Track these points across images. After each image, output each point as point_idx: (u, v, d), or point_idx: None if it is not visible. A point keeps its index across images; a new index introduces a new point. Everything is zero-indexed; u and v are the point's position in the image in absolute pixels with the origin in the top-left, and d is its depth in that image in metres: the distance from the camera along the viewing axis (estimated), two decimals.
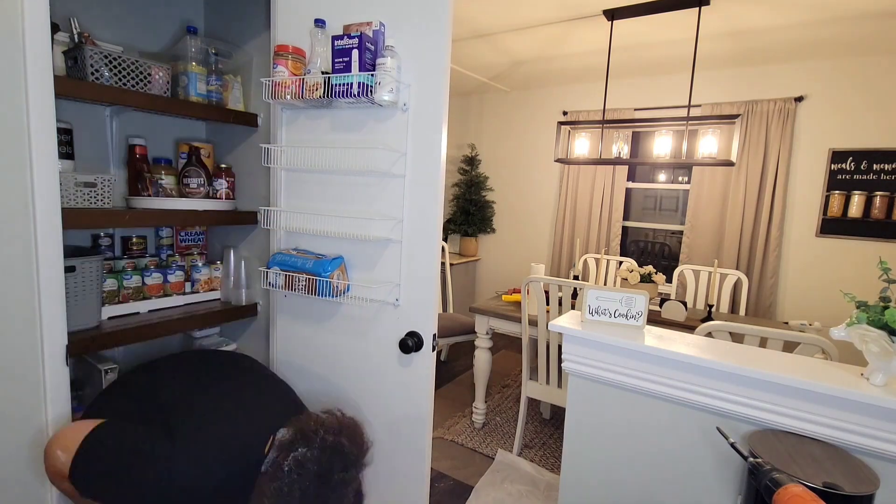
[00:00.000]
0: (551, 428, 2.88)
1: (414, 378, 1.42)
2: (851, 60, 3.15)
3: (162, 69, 1.54)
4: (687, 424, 1.19)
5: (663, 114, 3.75)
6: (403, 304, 1.42)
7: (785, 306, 3.47)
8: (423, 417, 1.42)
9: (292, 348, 1.69)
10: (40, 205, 1.18)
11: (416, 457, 1.44)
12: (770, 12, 2.52)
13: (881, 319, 0.98)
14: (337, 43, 1.33)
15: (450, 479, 2.31)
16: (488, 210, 4.82)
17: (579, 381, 1.34)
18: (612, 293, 1.33)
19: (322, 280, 1.41)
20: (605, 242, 4.12)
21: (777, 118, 3.34)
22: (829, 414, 1.01)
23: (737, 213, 3.51)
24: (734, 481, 1.13)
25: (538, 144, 4.52)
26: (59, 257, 1.23)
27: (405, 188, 1.38)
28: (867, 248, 3.17)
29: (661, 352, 1.17)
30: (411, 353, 1.39)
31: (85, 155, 1.64)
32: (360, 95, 1.31)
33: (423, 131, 1.34)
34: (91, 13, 1.62)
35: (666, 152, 2.80)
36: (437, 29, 1.29)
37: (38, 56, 1.14)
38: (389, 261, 1.44)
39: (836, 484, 0.87)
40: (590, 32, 2.97)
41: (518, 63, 3.71)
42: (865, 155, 3.14)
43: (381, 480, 1.52)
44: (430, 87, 1.32)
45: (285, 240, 1.65)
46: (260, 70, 1.78)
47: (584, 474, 1.35)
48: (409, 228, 1.39)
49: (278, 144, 1.59)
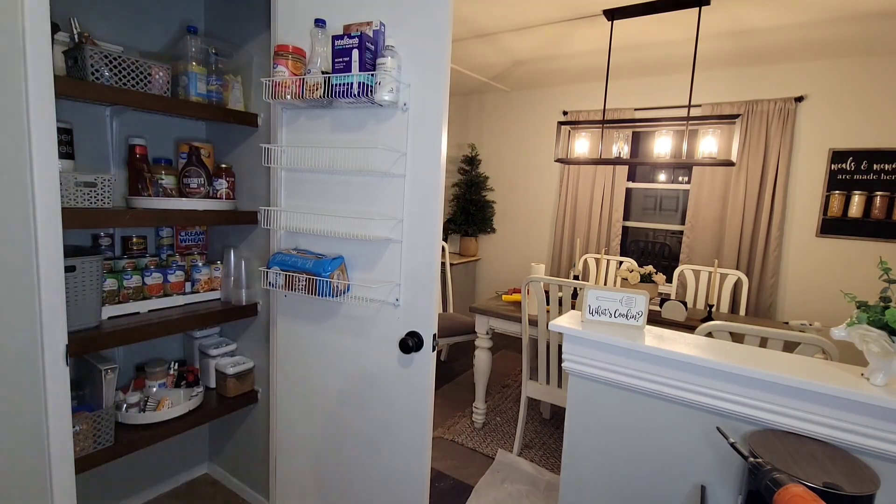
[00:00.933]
0: (551, 428, 2.88)
1: (414, 377, 1.42)
2: (852, 60, 3.15)
3: (162, 69, 1.54)
4: (687, 424, 1.19)
5: (663, 114, 3.75)
6: (404, 304, 1.42)
7: (785, 306, 3.47)
8: (423, 416, 1.42)
9: (293, 348, 1.69)
10: (40, 204, 1.18)
11: (416, 455, 1.44)
12: (770, 12, 2.51)
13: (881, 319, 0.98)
14: (337, 43, 1.32)
15: (450, 478, 2.31)
16: (488, 210, 4.82)
17: (579, 381, 1.34)
18: (613, 293, 1.33)
19: (322, 280, 1.41)
20: (605, 242, 4.12)
21: (777, 118, 3.34)
22: (830, 414, 1.01)
23: (737, 213, 3.51)
24: (734, 481, 1.13)
25: (538, 144, 4.52)
26: (60, 257, 1.23)
27: (405, 188, 1.38)
28: (867, 248, 3.17)
29: (662, 352, 1.17)
30: (412, 352, 1.38)
31: (85, 155, 1.64)
32: (360, 95, 1.31)
33: (423, 131, 1.34)
34: (91, 13, 1.63)
35: (666, 152, 2.80)
36: (438, 28, 1.28)
37: (38, 56, 1.14)
38: (390, 261, 1.43)
39: (836, 484, 0.87)
40: (590, 32, 2.96)
41: (518, 63, 3.71)
42: (866, 155, 3.14)
43: (382, 479, 1.53)
44: (431, 86, 1.31)
45: (285, 240, 1.65)
46: (260, 70, 1.78)
47: (585, 474, 1.35)
48: (410, 228, 1.39)
49: (279, 144, 1.59)
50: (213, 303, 1.84)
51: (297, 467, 1.74)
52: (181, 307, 1.74)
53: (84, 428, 1.45)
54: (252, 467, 2.02)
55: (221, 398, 1.89)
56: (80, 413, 1.44)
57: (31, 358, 1.22)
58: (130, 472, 1.94)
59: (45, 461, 1.26)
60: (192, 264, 1.84)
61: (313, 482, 1.72)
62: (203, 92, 1.67)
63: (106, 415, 1.51)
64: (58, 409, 1.27)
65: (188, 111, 1.61)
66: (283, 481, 1.78)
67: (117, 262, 1.65)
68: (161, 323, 1.58)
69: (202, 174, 1.70)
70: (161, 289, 1.71)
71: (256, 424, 1.98)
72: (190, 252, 1.93)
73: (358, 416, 1.56)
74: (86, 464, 1.44)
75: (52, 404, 1.25)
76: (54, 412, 1.26)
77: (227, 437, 2.12)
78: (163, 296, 1.72)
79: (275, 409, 1.76)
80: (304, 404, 1.69)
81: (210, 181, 1.74)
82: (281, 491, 1.79)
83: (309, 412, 1.68)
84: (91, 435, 1.47)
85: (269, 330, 1.79)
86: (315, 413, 1.66)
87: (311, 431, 1.69)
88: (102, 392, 1.53)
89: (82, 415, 1.45)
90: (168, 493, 2.06)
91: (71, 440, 1.31)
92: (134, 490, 1.96)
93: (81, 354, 1.46)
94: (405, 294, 1.41)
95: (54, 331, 1.24)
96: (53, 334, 1.24)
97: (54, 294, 1.23)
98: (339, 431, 1.61)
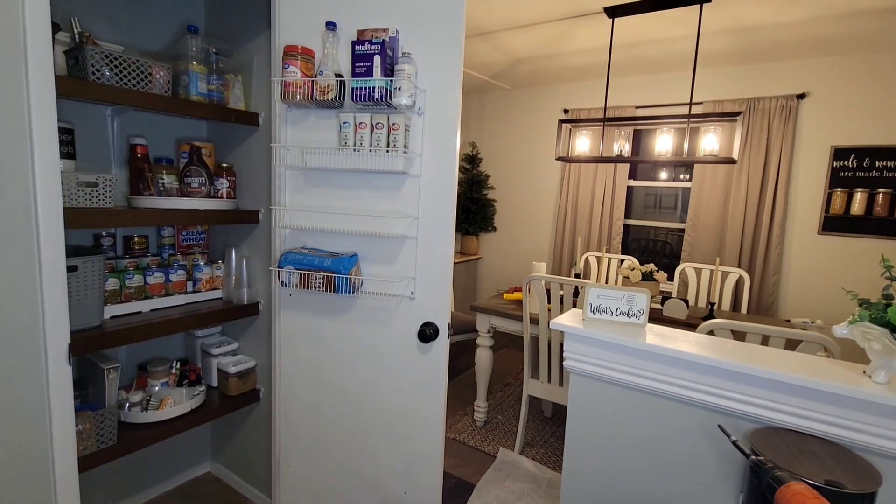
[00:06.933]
0: (553, 426, 2.88)
1: (432, 363, 1.51)
2: (854, 57, 3.14)
3: (163, 68, 1.54)
4: (689, 422, 1.19)
5: (665, 111, 3.75)
6: (419, 297, 1.48)
7: (787, 304, 3.46)
8: (439, 397, 1.50)
9: (296, 344, 1.69)
10: (42, 204, 1.18)
11: (433, 435, 1.52)
12: (772, 9, 2.51)
13: (884, 317, 0.97)
14: (358, 48, 1.36)
15: (452, 477, 2.32)
16: (489, 208, 4.81)
17: (581, 379, 1.34)
18: (614, 291, 1.33)
19: (341, 277, 1.45)
20: (606, 240, 4.12)
21: (779, 115, 3.33)
22: (832, 412, 1.01)
23: (738, 211, 3.50)
24: (736, 479, 1.13)
25: (539, 143, 4.52)
26: (61, 257, 1.24)
27: (420, 188, 1.44)
28: (869, 246, 3.16)
29: (663, 350, 1.17)
30: (430, 341, 1.47)
31: (86, 154, 1.65)
32: (381, 100, 1.35)
33: (437, 134, 1.40)
34: (92, 13, 1.63)
35: (667, 150, 2.79)
36: (451, 37, 1.34)
37: (39, 56, 1.14)
38: (405, 256, 1.49)
39: (838, 481, 0.87)
40: (591, 30, 2.96)
41: (519, 61, 3.70)
42: (868, 152, 3.13)
43: (400, 462, 1.58)
44: (445, 92, 1.38)
45: (290, 238, 1.65)
46: (261, 69, 1.78)
47: (586, 472, 1.35)
48: (425, 225, 1.45)
49: (283, 144, 1.59)
50: (215, 302, 1.84)
51: (300, 463, 1.75)
52: (183, 306, 1.75)
53: (87, 427, 1.45)
54: (254, 465, 2.03)
55: (223, 397, 1.89)
56: (82, 412, 1.45)
57: (34, 357, 1.22)
58: (133, 471, 1.94)
59: (48, 460, 1.27)
60: (194, 264, 1.84)
61: (317, 476, 1.72)
62: (204, 91, 1.67)
63: (108, 414, 1.52)
64: (61, 409, 1.27)
65: (189, 111, 1.61)
66: (285, 478, 1.79)
67: (119, 262, 1.65)
68: (163, 322, 1.58)
69: (203, 173, 1.70)
70: (163, 288, 1.72)
71: (258, 423, 1.98)
72: (191, 251, 1.93)
73: (373, 404, 1.59)
74: (89, 463, 1.45)
75: (55, 403, 1.26)
76: (57, 411, 1.26)
77: (229, 435, 2.13)
78: (164, 295, 1.72)
79: (277, 406, 1.76)
80: (310, 400, 1.69)
81: (211, 180, 1.74)
82: (284, 487, 1.80)
83: (315, 407, 1.69)
84: (94, 434, 1.48)
85: (270, 329, 1.79)
86: (322, 407, 1.67)
87: (317, 426, 1.69)
88: (105, 391, 1.54)
89: (85, 414, 1.45)
90: (171, 492, 2.07)
91: (74, 439, 1.32)
92: (137, 488, 1.97)
93: (84, 354, 1.47)
94: (420, 288, 1.48)
95: (57, 330, 1.24)
96: (56, 334, 1.24)
97: (56, 294, 1.23)
98: (351, 422, 1.64)
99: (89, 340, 1.38)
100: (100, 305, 1.47)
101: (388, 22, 1.41)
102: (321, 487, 1.72)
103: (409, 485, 1.57)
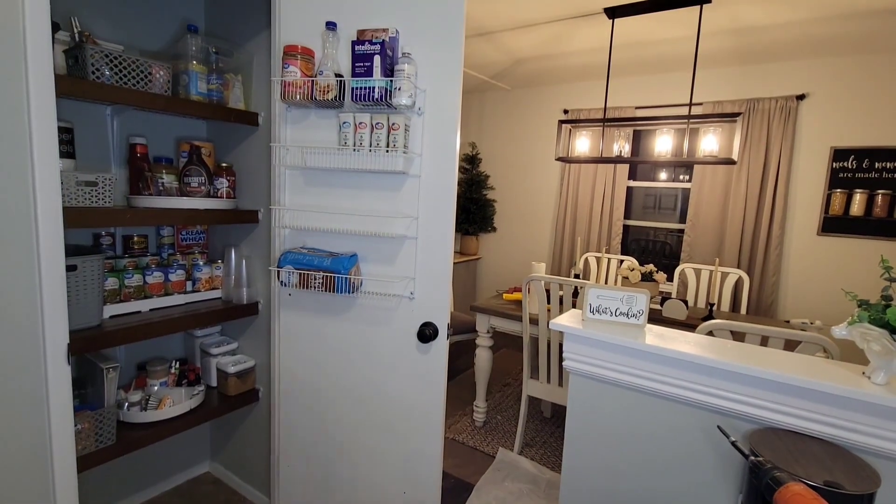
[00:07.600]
0: (552, 426, 2.88)
1: (431, 362, 1.51)
2: (854, 58, 3.14)
3: (163, 68, 1.54)
4: (688, 423, 1.19)
5: (664, 112, 3.75)
6: (419, 297, 1.48)
7: (786, 305, 3.46)
8: (438, 396, 1.51)
9: (296, 344, 1.69)
10: (42, 204, 1.18)
11: (432, 433, 1.53)
12: (772, 10, 2.51)
13: (883, 318, 0.97)
14: (358, 48, 1.35)
15: (451, 477, 2.32)
16: (489, 209, 4.81)
17: (580, 379, 1.34)
18: (614, 292, 1.33)
19: (341, 277, 1.45)
20: (606, 241, 4.12)
21: (779, 116, 3.33)
22: (831, 412, 1.01)
23: (738, 212, 3.50)
24: (735, 480, 1.13)
25: (539, 143, 4.52)
26: (61, 256, 1.24)
27: (420, 188, 1.44)
28: (869, 247, 3.16)
29: (663, 350, 1.17)
30: (429, 341, 1.47)
31: (86, 154, 1.65)
32: (381, 100, 1.35)
33: (437, 134, 1.40)
34: (92, 12, 1.63)
35: (667, 151, 2.79)
36: (451, 37, 1.34)
37: (38, 55, 1.14)
38: (405, 256, 1.49)
39: (837, 482, 0.87)
40: (591, 30, 2.96)
41: (519, 61, 3.70)
42: (867, 153, 3.13)
43: (398, 459, 1.57)
44: (445, 92, 1.37)
45: (290, 238, 1.65)
46: (261, 69, 1.78)
47: (585, 473, 1.36)
48: (424, 226, 1.45)
49: (283, 143, 1.59)
50: (214, 302, 1.84)
51: (299, 463, 1.75)
52: (182, 306, 1.75)
53: (86, 427, 1.45)
54: (253, 465, 2.03)
55: (223, 397, 1.89)
56: (81, 412, 1.45)
57: (33, 357, 1.22)
58: (132, 471, 1.94)
59: (47, 460, 1.26)
60: (193, 263, 1.84)
61: (315, 476, 1.72)
62: (203, 91, 1.67)
63: (107, 413, 1.51)
64: (60, 408, 1.27)
65: (189, 110, 1.61)
66: (284, 478, 1.79)
67: (118, 262, 1.65)
68: (162, 322, 1.58)
69: (203, 173, 1.70)
70: (162, 288, 1.72)
71: (257, 422, 1.98)
72: (191, 251, 1.93)
73: (373, 403, 1.59)
74: (88, 462, 1.44)
75: (54, 403, 1.26)
76: (56, 411, 1.26)
77: (228, 435, 2.13)
78: (164, 295, 1.72)
79: (277, 406, 1.76)
80: (309, 400, 1.69)
81: (211, 180, 1.74)
82: (283, 487, 1.80)
83: (314, 407, 1.69)
84: (93, 433, 1.47)
85: (270, 328, 1.79)
86: (322, 407, 1.67)
87: (316, 426, 1.69)
88: (104, 391, 1.54)
89: (84, 413, 1.45)
90: (169, 492, 2.07)
91: (73, 439, 1.32)
92: (135, 488, 1.97)
93: (83, 353, 1.47)
94: (420, 288, 1.48)
95: (56, 330, 1.24)
96: (55, 333, 1.24)
97: (56, 293, 1.23)
98: (350, 422, 1.63)
99: (88, 340, 1.38)
100: (99, 305, 1.47)
101: (388, 22, 1.41)
102: (320, 487, 1.72)
103: (408, 485, 1.57)
